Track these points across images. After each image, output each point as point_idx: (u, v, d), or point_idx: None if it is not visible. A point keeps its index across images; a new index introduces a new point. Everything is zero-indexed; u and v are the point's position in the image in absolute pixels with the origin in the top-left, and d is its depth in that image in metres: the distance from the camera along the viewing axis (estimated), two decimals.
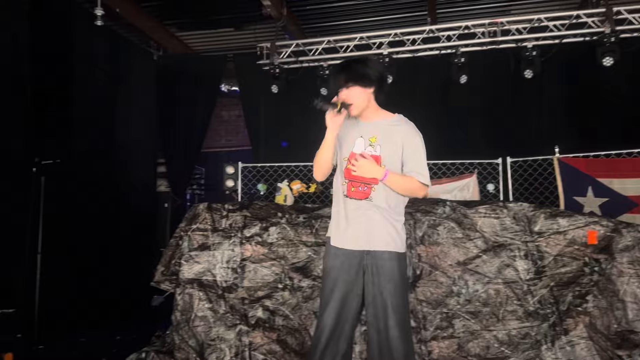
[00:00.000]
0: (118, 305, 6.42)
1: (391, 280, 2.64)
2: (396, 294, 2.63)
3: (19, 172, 5.26)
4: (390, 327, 2.59)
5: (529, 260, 3.63)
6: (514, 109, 7.11)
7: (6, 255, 5.09)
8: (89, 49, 6.56)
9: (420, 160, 2.77)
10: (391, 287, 2.63)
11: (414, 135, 2.81)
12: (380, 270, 2.64)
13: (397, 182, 2.70)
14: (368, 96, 2.80)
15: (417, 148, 2.78)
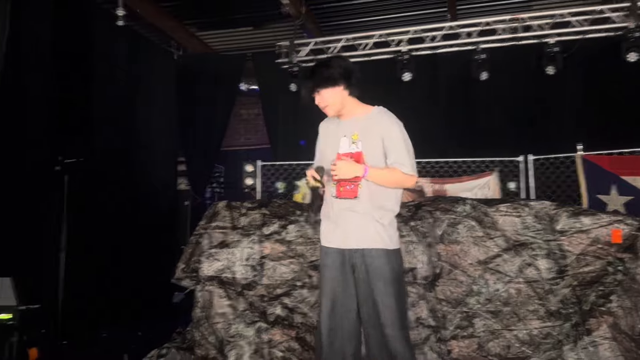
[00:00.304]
0: (139, 301, 6.51)
1: (381, 278, 2.63)
2: (387, 292, 2.61)
3: (43, 171, 5.36)
4: (384, 325, 2.59)
5: (551, 260, 3.57)
6: (535, 106, 7.01)
7: (32, 252, 5.19)
8: (110, 49, 6.65)
9: (401, 150, 2.72)
10: (381, 285, 2.62)
11: (392, 126, 2.76)
12: (369, 268, 2.64)
13: (379, 176, 2.68)
14: (340, 94, 2.78)
15: (397, 138, 2.74)
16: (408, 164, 2.70)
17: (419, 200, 4.14)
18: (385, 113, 2.85)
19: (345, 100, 2.80)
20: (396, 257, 2.71)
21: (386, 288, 2.61)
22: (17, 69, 5.09)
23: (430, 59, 7.34)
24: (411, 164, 2.71)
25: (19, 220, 5.08)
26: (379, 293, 2.61)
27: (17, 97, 5.15)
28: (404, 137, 2.76)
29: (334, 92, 2.77)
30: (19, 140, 5.12)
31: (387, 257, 2.65)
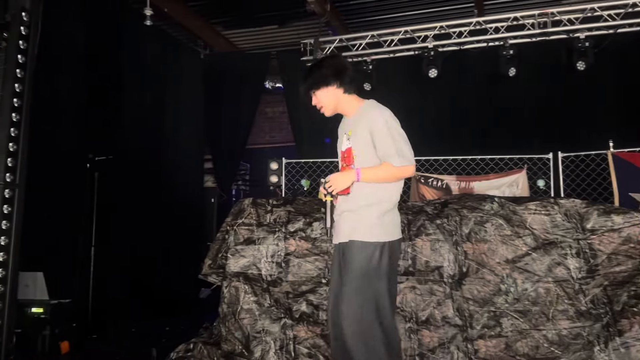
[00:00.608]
0: (167, 297, 6.61)
1: (348, 269, 2.64)
2: (349, 281, 2.60)
3: (74, 168, 5.48)
4: (342, 317, 2.59)
5: (581, 259, 3.50)
6: (565, 102, 6.88)
7: (63, 247, 5.32)
8: (139, 48, 6.77)
9: (386, 143, 2.64)
10: (346, 277, 2.63)
11: (377, 119, 2.69)
12: (343, 259, 2.69)
13: (373, 175, 2.66)
14: (334, 93, 2.78)
15: (381, 131, 2.65)
16: (395, 156, 2.62)
17: (445, 198, 4.09)
18: (372, 106, 2.78)
19: (342, 98, 2.79)
20: (373, 250, 2.62)
21: (350, 280, 2.61)
22: (49, 68, 5.21)
23: (457, 55, 7.25)
24: (400, 155, 2.62)
25: (51, 216, 5.22)
26: (343, 284, 2.63)
27: (50, 97, 5.28)
28: (389, 128, 2.66)
29: (328, 92, 2.78)
30: (50, 138, 5.25)
31: (360, 248, 2.62)
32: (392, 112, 2.76)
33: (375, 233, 2.64)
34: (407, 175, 2.73)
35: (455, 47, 7.23)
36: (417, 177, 6.88)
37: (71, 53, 5.65)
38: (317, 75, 2.79)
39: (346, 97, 2.81)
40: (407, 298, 3.59)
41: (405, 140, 2.68)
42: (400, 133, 2.69)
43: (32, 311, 4.57)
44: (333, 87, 2.77)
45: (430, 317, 3.54)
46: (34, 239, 4.58)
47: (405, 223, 3.80)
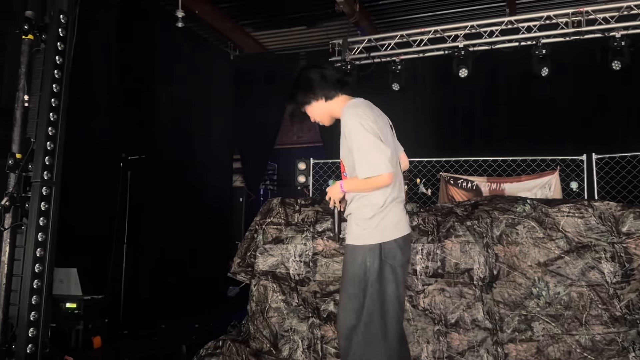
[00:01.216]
0: (196, 294, 6.70)
1: (343, 272, 2.60)
2: (344, 287, 2.57)
3: (109, 167, 5.61)
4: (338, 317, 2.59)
5: (616, 263, 3.42)
6: (599, 103, 6.72)
7: (97, 244, 5.44)
8: (170, 49, 6.88)
9: (354, 154, 2.50)
10: (342, 280, 2.60)
11: (346, 128, 2.55)
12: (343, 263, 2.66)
13: (353, 186, 2.57)
14: (319, 106, 2.71)
15: (352, 140, 2.51)
16: (361, 168, 2.47)
17: (476, 199, 4.04)
18: (345, 111, 2.58)
19: (331, 106, 2.70)
20: (363, 254, 2.50)
21: (344, 285, 2.57)
22: (85, 69, 5.34)
23: (488, 55, 7.16)
24: (366, 166, 2.46)
25: (85, 213, 5.34)
26: (341, 289, 2.61)
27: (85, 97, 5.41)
28: (356, 136, 2.49)
29: (313, 107, 2.73)
30: (86, 138, 5.38)
31: (352, 252, 2.55)
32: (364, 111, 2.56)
33: (363, 236, 2.53)
34: (379, 185, 2.49)
35: (486, 46, 7.13)
36: (446, 178, 6.82)
37: (105, 54, 5.78)
38: (297, 95, 2.74)
39: (331, 103, 2.70)
40: (436, 300, 3.56)
41: (374, 146, 2.46)
42: (367, 140, 2.47)
43: (66, 306, 4.68)
44: (314, 102, 2.71)
45: (459, 320, 3.50)
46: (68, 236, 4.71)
47: (434, 224, 3.77)
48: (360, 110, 2.57)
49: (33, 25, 3.38)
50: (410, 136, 7.44)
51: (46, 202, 3.29)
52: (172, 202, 6.61)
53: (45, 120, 3.30)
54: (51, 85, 3.33)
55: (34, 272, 3.21)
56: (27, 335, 3.16)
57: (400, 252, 2.56)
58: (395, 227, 2.57)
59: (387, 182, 2.48)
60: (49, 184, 3.31)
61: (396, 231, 2.57)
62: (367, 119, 2.51)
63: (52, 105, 3.32)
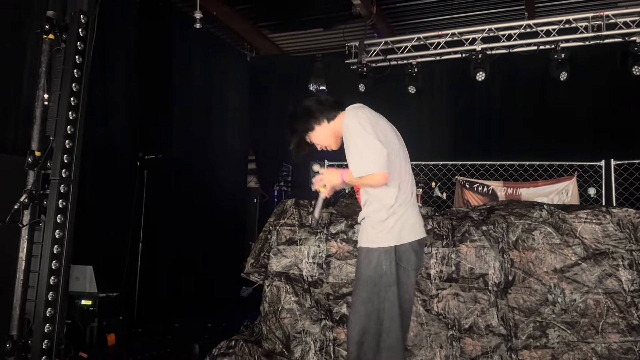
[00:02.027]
0: (209, 294, 6.73)
1: (357, 275, 2.57)
2: (357, 290, 2.54)
3: (126, 166, 5.66)
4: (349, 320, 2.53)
5: (634, 271, 3.36)
6: (619, 108, 6.62)
7: (112, 242, 5.50)
8: (188, 50, 6.93)
9: (350, 154, 2.51)
10: (356, 283, 2.57)
11: (345, 127, 2.56)
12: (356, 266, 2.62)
13: (351, 180, 2.57)
14: (324, 128, 2.71)
15: (348, 142, 2.53)
16: (354, 168, 2.48)
17: (492, 204, 4.01)
18: (346, 114, 2.63)
19: (334, 126, 2.70)
20: (378, 257, 2.48)
21: (358, 288, 2.53)
22: (104, 68, 5.41)
23: (506, 58, 7.10)
24: (359, 165, 2.46)
25: (102, 211, 5.40)
26: (353, 292, 2.58)
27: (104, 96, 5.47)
28: (352, 136, 2.50)
29: (316, 133, 2.73)
30: (103, 136, 5.44)
31: (367, 255, 2.52)
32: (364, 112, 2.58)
33: (378, 239, 2.51)
34: (372, 184, 2.49)
35: (504, 50, 7.07)
36: (461, 182, 6.77)
37: (124, 54, 5.85)
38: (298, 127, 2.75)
39: (334, 123, 2.71)
40: (450, 305, 3.54)
41: (369, 145, 2.45)
42: (363, 139, 2.46)
43: (81, 303, 4.74)
44: (316, 127, 2.71)
45: (473, 325, 3.47)
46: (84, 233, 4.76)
47: (449, 228, 3.74)
48: (360, 111, 2.59)
49: (54, 25, 3.43)
50: (426, 139, 7.41)
51: (64, 199, 3.33)
52: (187, 202, 6.66)
53: (64, 119, 3.34)
54: (71, 85, 3.37)
55: (51, 268, 3.25)
56: (43, 331, 3.20)
57: (415, 256, 2.55)
58: (411, 230, 2.55)
59: (381, 182, 2.45)
60: (67, 181, 3.35)
61: (412, 234, 2.55)
62: (366, 120, 2.52)
63: (71, 104, 3.37)
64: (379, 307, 2.46)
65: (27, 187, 3.32)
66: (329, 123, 2.71)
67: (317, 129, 2.72)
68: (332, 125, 2.70)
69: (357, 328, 2.48)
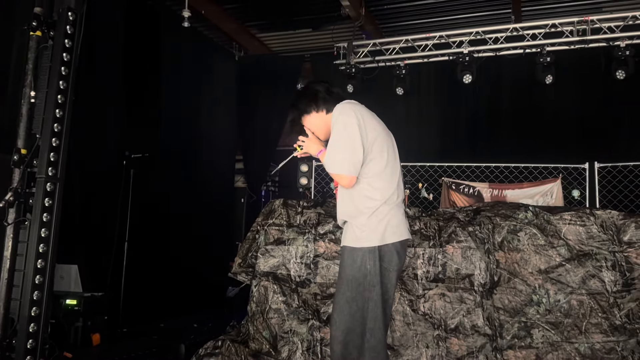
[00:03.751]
0: (195, 294, 6.70)
1: (339, 275, 2.57)
2: (338, 289, 2.55)
3: (112, 165, 5.62)
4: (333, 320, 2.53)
5: (617, 272, 3.43)
6: (603, 111, 6.72)
7: (98, 242, 5.45)
8: (176, 49, 6.89)
9: (329, 146, 2.57)
10: (338, 282, 2.57)
11: (333, 122, 2.62)
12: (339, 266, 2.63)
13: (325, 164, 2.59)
14: (320, 116, 2.76)
15: (331, 138, 2.59)
16: (327, 161, 2.55)
17: (478, 205, 4.05)
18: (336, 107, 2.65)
19: (328, 119, 2.74)
20: (362, 256, 2.49)
21: (341, 287, 2.53)
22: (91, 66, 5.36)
23: (493, 61, 7.18)
24: (332, 162, 2.53)
25: (87, 210, 5.35)
26: (336, 291, 2.57)
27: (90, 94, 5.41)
28: (336, 131, 2.55)
29: (311, 118, 2.78)
30: (90, 135, 5.38)
31: (349, 254, 2.52)
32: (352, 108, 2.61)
33: (362, 238, 2.51)
34: (341, 183, 2.56)
35: (491, 53, 7.15)
36: (448, 183, 6.83)
37: (112, 52, 5.80)
38: (297, 106, 2.82)
39: (330, 116, 2.73)
40: (436, 305, 3.57)
41: (346, 146, 2.50)
42: (343, 138, 2.52)
43: (66, 303, 4.69)
44: (313, 113, 2.76)
45: (459, 325, 3.50)
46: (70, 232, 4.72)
47: (436, 229, 3.78)
48: (349, 107, 2.62)
49: (41, 22, 3.39)
50: (413, 141, 7.45)
51: (50, 198, 3.29)
52: (174, 201, 6.62)
53: (51, 117, 3.31)
54: (58, 82, 3.33)
55: (36, 267, 3.21)
56: (27, 330, 3.16)
57: (397, 257, 2.56)
58: (394, 231, 2.56)
59: (346, 184, 2.53)
60: (53, 180, 3.31)
61: (395, 235, 2.56)
62: (353, 118, 2.54)
63: (58, 102, 3.33)
64: (363, 306, 2.47)
65: (13, 185, 3.28)
66: (326, 114, 2.75)
67: (313, 114, 2.77)
68: (328, 117, 2.74)
69: (341, 328, 2.48)
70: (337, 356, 2.48)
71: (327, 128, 2.75)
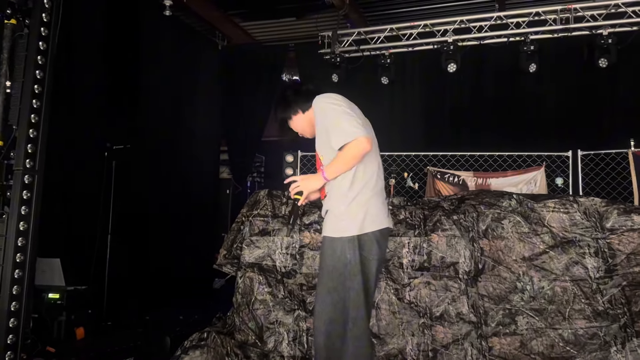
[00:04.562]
0: (181, 286, 6.65)
1: (321, 265, 2.57)
2: (319, 279, 2.56)
3: (93, 156, 5.53)
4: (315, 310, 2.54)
5: (600, 258, 3.46)
6: (586, 100, 6.77)
7: (80, 235, 5.38)
8: (158, 38, 6.78)
9: (325, 131, 2.56)
10: (320, 272, 2.57)
11: (318, 109, 2.62)
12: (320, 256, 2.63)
13: (334, 169, 2.52)
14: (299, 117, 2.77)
15: (319, 122, 2.60)
16: (336, 139, 2.49)
17: (462, 194, 4.06)
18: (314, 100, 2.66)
19: (309, 115, 2.74)
20: (341, 246, 2.48)
21: (322, 278, 2.54)
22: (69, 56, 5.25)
23: (477, 50, 7.18)
24: (340, 134, 2.48)
25: (69, 203, 5.27)
26: (318, 282, 2.58)
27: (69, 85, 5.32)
28: (323, 114, 2.57)
29: (294, 121, 2.80)
30: (70, 126, 5.29)
31: (329, 245, 2.53)
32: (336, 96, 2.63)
33: (341, 228, 2.51)
34: (359, 151, 2.47)
35: (475, 41, 7.14)
36: (433, 172, 6.84)
37: (91, 41, 5.69)
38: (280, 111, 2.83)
39: (308, 113, 2.75)
40: (422, 293, 3.58)
41: (346, 116, 2.50)
42: (337, 112, 2.52)
43: (48, 297, 4.62)
44: (293, 117, 2.79)
45: (444, 313, 3.52)
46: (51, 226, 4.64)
47: (421, 218, 3.78)
48: (330, 94, 2.65)
49: (16, 10, 3.30)
50: (399, 130, 7.45)
51: (28, 190, 3.23)
52: (158, 193, 6.55)
53: (27, 107, 3.23)
54: (34, 72, 3.26)
55: (15, 261, 3.15)
56: (7, 325, 3.11)
57: (377, 245, 2.55)
58: (374, 220, 2.55)
59: (367, 146, 2.46)
60: (31, 172, 3.25)
61: (374, 224, 2.55)
62: (339, 99, 2.59)
63: (35, 92, 3.26)
64: (344, 296, 2.47)
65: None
66: (303, 113, 2.77)
67: (293, 118, 2.80)
68: (307, 115, 2.76)
69: (323, 318, 2.48)
70: (320, 346, 2.48)
71: (310, 124, 2.76)
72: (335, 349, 2.45)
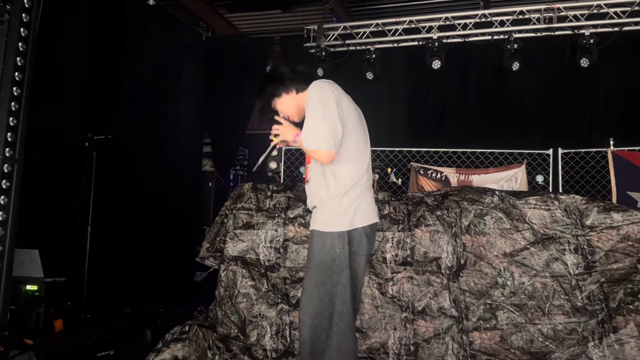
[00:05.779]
0: (162, 279, 6.61)
1: (309, 259, 2.57)
2: (307, 273, 2.55)
3: (73, 147, 5.45)
4: (301, 304, 2.52)
5: (579, 255, 3.51)
6: (567, 99, 6.87)
7: (60, 226, 5.30)
8: (141, 28, 6.69)
9: (306, 123, 2.50)
10: (307, 266, 2.57)
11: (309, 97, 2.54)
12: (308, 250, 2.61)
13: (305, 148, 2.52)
14: (291, 97, 2.71)
15: (308, 110, 2.52)
16: (309, 139, 2.46)
17: (446, 190, 4.09)
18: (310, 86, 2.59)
19: (301, 98, 2.70)
20: (331, 240, 2.48)
21: (310, 271, 2.52)
22: (51, 44, 5.15)
23: (461, 47, 7.22)
24: (311, 138, 2.45)
25: (48, 193, 5.19)
26: (305, 275, 2.57)
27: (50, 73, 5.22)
28: (312, 107, 2.49)
29: (283, 100, 2.73)
30: (50, 115, 5.20)
31: (318, 238, 2.51)
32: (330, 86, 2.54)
33: (332, 222, 2.50)
34: (317, 159, 2.49)
35: (459, 39, 7.19)
36: (416, 168, 6.88)
37: (73, 30, 5.58)
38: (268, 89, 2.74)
39: (302, 95, 2.70)
40: (404, 288, 3.60)
41: (325, 120, 2.44)
42: (320, 112, 2.45)
43: (26, 288, 4.54)
44: (284, 95, 2.72)
45: (426, 308, 3.54)
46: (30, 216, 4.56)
47: (405, 213, 3.80)
48: (326, 84, 2.56)
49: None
50: (383, 125, 7.47)
51: (7, 180, 3.17)
52: (140, 185, 6.48)
53: (8, 95, 3.17)
54: (15, 59, 3.20)
55: None
56: None
57: (366, 240, 2.56)
58: (364, 215, 2.56)
59: (326, 160, 2.46)
60: (10, 161, 3.19)
61: (365, 219, 2.55)
62: (330, 94, 2.50)
63: (15, 79, 3.20)
64: (331, 290, 2.47)
65: None
66: (297, 94, 2.70)
67: (284, 96, 2.71)
68: (299, 96, 2.70)
69: (309, 311, 2.47)
70: (305, 340, 2.48)
71: (298, 108, 2.71)
72: (320, 342, 2.45)
